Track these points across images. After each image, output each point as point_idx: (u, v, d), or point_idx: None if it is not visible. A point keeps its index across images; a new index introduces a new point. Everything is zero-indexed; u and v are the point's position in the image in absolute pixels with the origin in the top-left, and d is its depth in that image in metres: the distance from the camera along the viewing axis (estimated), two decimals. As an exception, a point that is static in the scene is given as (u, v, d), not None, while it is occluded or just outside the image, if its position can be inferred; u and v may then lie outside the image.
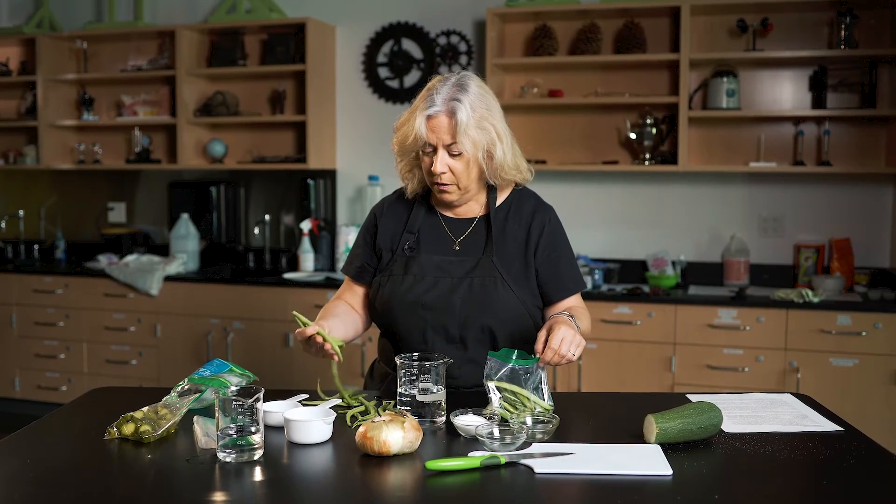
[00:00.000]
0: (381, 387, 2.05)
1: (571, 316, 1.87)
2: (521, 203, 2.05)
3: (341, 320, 2.01)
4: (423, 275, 1.96)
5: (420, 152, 1.94)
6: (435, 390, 1.69)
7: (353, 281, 2.11)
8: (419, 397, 1.69)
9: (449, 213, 2.05)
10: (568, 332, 1.74)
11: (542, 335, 1.76)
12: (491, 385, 1.72)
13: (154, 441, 1.59)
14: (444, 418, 1.71)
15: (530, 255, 1.99)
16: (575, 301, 2.04)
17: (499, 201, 2.04)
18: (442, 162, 1.90)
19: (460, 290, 1.93)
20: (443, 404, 1.71)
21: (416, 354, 1.75)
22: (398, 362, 1.73)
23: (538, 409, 1.71)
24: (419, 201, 2.06)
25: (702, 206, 4.23)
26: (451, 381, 1.86)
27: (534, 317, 1.98)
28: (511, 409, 1.70)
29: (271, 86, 4.72)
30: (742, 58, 3.97)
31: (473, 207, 2.04)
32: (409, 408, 1.70)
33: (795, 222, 4.13)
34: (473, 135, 1.88)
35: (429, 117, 1.89)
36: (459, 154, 1.89)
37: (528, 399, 1.71)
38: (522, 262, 1.99)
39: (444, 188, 1.94)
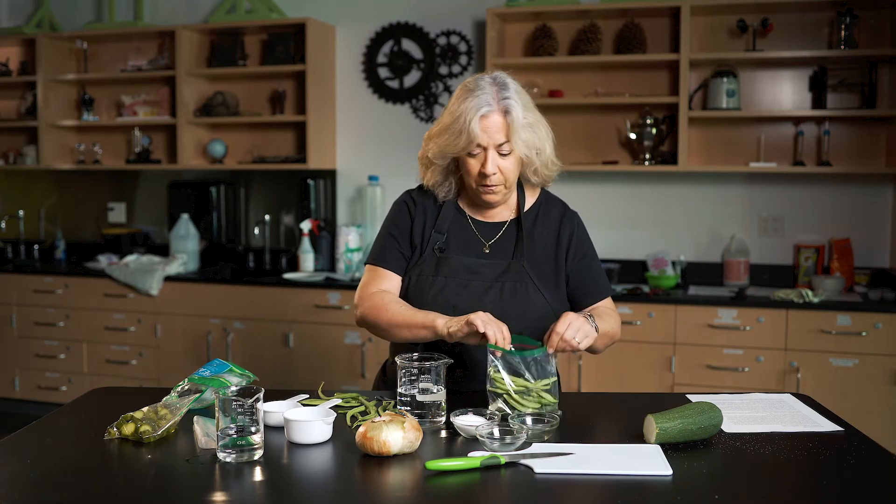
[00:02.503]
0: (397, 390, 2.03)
1: (590, 315, 1.85)
2: (548, 207, 2.05)
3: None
4: (454, 277, 1.94)
5: (464, 156, 1.90)
6: (435, 390, 1.69)
7: (390, 272, 2.00)
8: (419, 397, 1.69)
9: (478, 216, 2.03)
10: (576, 320, 1.75)
11: (552, 326, 1.76)
12: (494, 375, 1.72)
13: (154, 441, 1.59)
14: (444, 418, 1.71)
15: (561, 260, 1.99)
16: (605, 303, 2.03)
17: (527, 205, 2.03)
18: (493, 162, 1.88)
19: (491, 294, 1.92)
20: (443, 404, 1.71)
21: (415, 355, 1.75)
22: (398, 362, 1.73)
23: (542, 398, 1.71)
24: (448, 201, 2.04)
25: (702, 206, 4.23)
26: (477, 384, 1.88)
27: None
28: (517, 401, 1.70)
29: (271, 86, 4.72)
30: (742, 58, 3.97)
31: (503, 211, 2.03)
32: (408, 408, 1.70)
33: (795, 222, 4.13)
34: (525, 133, 1.88)
35: (482, 117, 1.85)
36: (509, 153, 1.88)
37: (534, 391, 1.70)
38: (553, 267, 1.98)
39: (493, 189, 1.92)
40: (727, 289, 4.01)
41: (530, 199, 2.05)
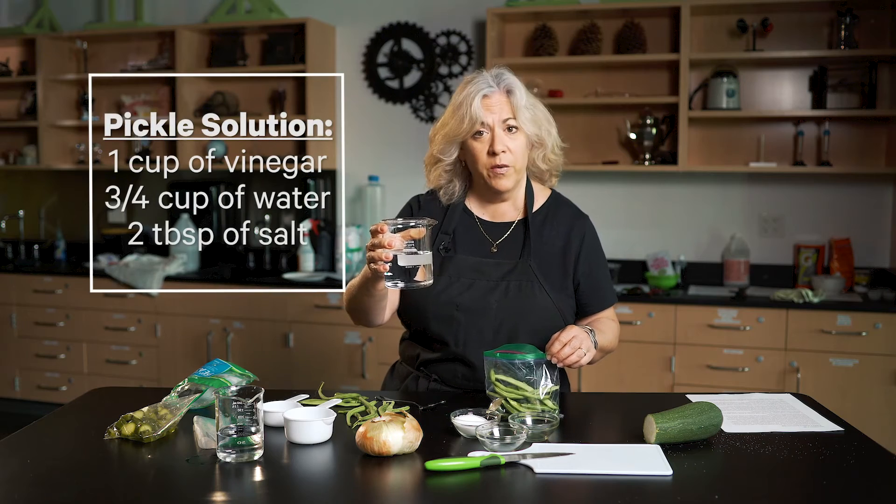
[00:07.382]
0: (401, 386, 2.04)
1: (591, 330, 1.85)
2: (557, 209, 2.03)
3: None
4: (459, 276, 1.93)
5: (471, 142, 1.91)
6: (420, 252, 1.68)
7: None
8: (401, 262, 1.66)
9: (485, 216, 2.02)
10: (580, 333, 1.76)
11: (554, 336, 1.77)
12: (494, 379, 1.72)
13: (154, 441, 1.59)
14: (430, 281, 1.70)
15: (569, 264, 1.97)
16: (607, 313, 2.04)
17: (536, 206, 2.02)
18: (501, 140, 1.88)
19: (496, 293, 1.91)
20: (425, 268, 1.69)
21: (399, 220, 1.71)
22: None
23: (539, 403, 1.71)
24: (454, 203, 2.03)
25: (702, 206, 4.23)
26: (479, 384, 1.89)
27: (568, 324, 1.92)
28: (516, 408, 1.70)
29: (271, 86, 4.72)
30: (742, 58, 3.97)
31: (510, 211, 2.02)
32: (397, 280, 1.68)
33: (795, 222, 4.13)
34: (529, 112, 1.91)
35: (484, 97, 1.88)
36: (516, 131, 1.89)
37: (532, 395, 1.70)
38: (560, 269, 1.97)
39: (503, 171, 1.90)
40: (727, 289, 4.00)
41: (540, 200, 2.03)
